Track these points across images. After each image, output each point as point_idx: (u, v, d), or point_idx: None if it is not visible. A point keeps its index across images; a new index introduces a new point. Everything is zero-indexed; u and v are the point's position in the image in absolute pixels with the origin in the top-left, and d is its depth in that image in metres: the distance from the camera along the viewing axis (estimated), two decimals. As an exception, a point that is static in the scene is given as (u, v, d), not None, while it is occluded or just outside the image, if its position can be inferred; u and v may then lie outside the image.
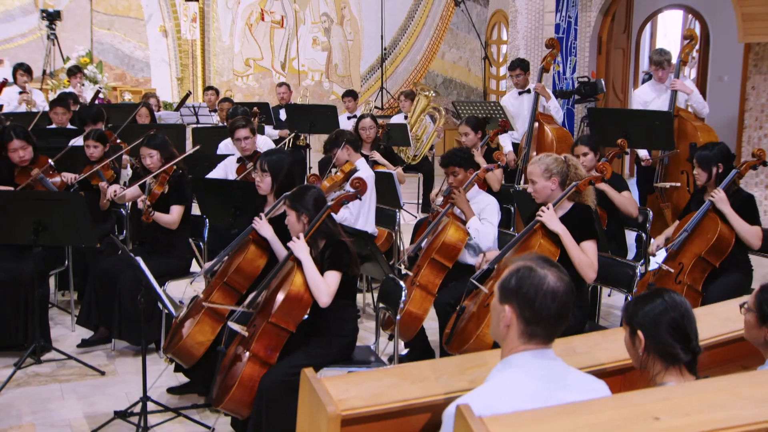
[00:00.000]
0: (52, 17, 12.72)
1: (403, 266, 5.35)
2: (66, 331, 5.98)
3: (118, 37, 14.40)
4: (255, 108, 9.37)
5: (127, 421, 4.51)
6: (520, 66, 8.33)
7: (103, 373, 5.27)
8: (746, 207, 5.09)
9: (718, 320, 3.49)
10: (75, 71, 11.17)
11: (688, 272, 5.06)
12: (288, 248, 4.17)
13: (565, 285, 2.43)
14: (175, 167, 5.74)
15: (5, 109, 9.56)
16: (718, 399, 2.33)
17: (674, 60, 7.50)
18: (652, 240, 5.59)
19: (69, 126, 8.49)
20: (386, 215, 6.42)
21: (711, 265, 5.07)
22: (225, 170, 6.61)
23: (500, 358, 2.50)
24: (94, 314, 5.61)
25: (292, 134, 9.78)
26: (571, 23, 10.65)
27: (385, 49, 15.07)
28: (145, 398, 4.44)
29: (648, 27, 13.10)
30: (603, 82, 9.56)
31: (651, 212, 6.20)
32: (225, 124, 8.95)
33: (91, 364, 5.34)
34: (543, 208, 4.47)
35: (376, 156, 7.63)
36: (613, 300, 6.51)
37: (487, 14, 13.33)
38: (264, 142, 7.51)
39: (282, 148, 7.62)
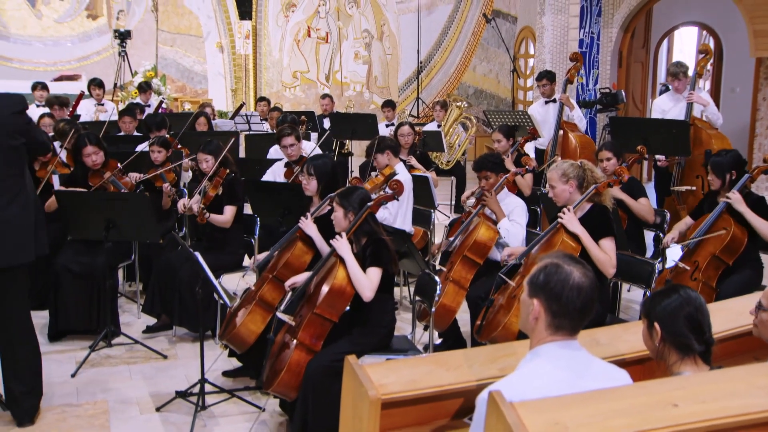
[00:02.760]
0: (123, 36, 12.93)
1: (435, 260, 5.32)
2: (133, 318, 6.05)
3: (180, 53, 14.57)
4: (303, 117, 9.41)
5: (187, 400, 4.54)
6: (546, 76, 8.28)
7: (165, 357, 5.32)
8: (759, 207, 5.01)
9: (732, 315, 3.44)
10: (146, 88, 11.31)
11: (703, 270, 5.00)
12: (331, 245, 4.17)
13: (590, 281, 2.41)
14: (228, 171, 5.79)
15: (81, 119, 9.72)
16: (733, 388, 2.30)
17: (690, 72, 7.41)
18: (667, 235, 5.52)
19: (135, 133, 8.60)
20: (422, 215, 6.40)
21: (724, 263, 5.00)
22: (273, 175, 6.64)
23: (529, 348, 2.48)
24: (157, 303, 5.66)
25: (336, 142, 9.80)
26: (593, 38, 10.56)
27: (420, 62, 15.04)
28: (203, 380, 4.48)
29: (665, 42, 12.95)
30: (623, 93, 9.47)
31: (668, 214, 6.12)
32: (275, 131, 9.00)
33: (155, 348, 5.39)
34: (564, 210, 4.44)
35: (413, 161, 7.61)
36: (632, 295, 6.43)
37: (516, 30, 13.24)
38: (311, 148, 7.54)
39: (327, 153, 7.64)
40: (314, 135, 10.17)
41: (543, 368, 2.37)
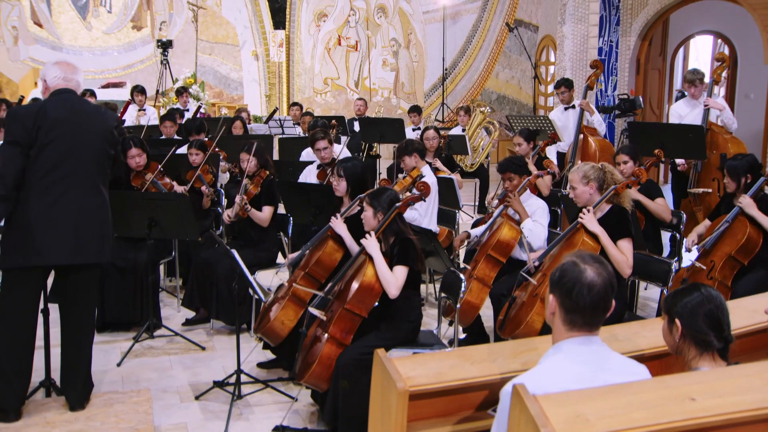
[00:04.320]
0: (165, 46, 13.05)
1: (459, 258, 5.31)
2: (173, 312, 6.10)
3: (217, 60, 14.70)
4: (333, 121, 9.43)
5: (224, 390, 4.57)
6: (564, 84, 8.22)
7: (203, 348, 5.36)
8: None
9: (747, 312, 3.40)
10: (182, 91, 11.43)
11: (719, 269, 4.94)
12: (360, 244, 4.17)
13: (603, 279, 2.38)
14: (268, 173, 5.83)
15: (125, 123, 9.83)
16: (748, 383, 2.27)
17: (707, 79, 7.33)
18: (687, 238, 5.46)
19: (175, 137, 8.68)
20: (447, 215, 6.39)
21: (740, 263, 4.94)
22: (305, 177, 6.67)
23: (551, 343, 2.46)
24: (195, 298, 5.70)
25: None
26: (612, 47, 10.48)
27: (446, 69, 15.01)
28: (239, 371, 4.50)
29: (681, 50, 12.81)
30: (641, 99, 9.39)
31: (684, 215, 6.05)
32: (307, 134, 9.02)
33: (193, 340, 5.43)
34: (584, 210, 4.41)
35: (438, 163, 7.59)
36: (649, 293, 6.37)
37: (537, 39, 13.17)
38: (341, 151, 7.55)
39: (356, 156, 7.65)
40: (344, 138, 10.19)
41: (564, 363, 2.36)
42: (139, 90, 10.64)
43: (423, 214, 5.87)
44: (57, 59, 4.35)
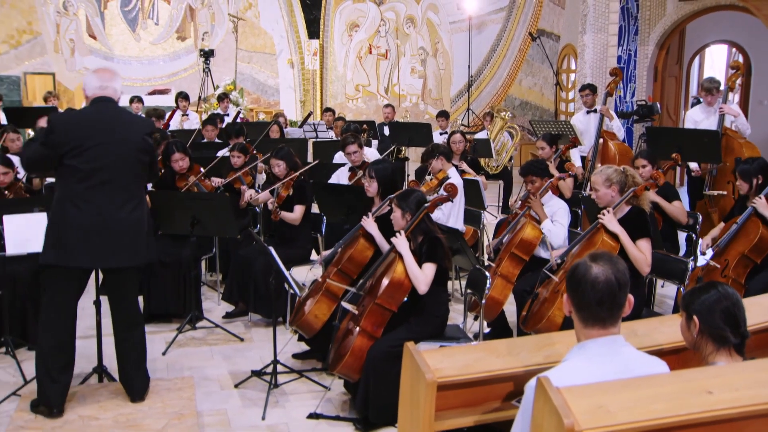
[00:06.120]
0: (207, 55, 13.16)
1: (487, 258, 5.29)
2: (213, 305, 6.14)
3: (255, 68, 14.77)
4: (364, 125, 9.43)
5: (261, 378, 4.61)
6: (589, 88, 8.18)
7: (242, 340, 5.40)
8: None
9: (761, 309, 3.36)
10: (223, 97, 11.52)
11: (733, 268, 4.87)
12: (390, 242, 4.17)
13: (606, 276, 2.33)
14: (298, 173, 5.85)
15: (170, 128, 9.92)
16: (764, 377, 2.25)
17: (722, 87, 7.23)
18: (701, 240, 5.39)
19: (216, 140, 8.74)
20: (472, 215, 6.36)
21: (753, 262, 4.87)
22: (337, 178, 6.68)
23: (575, 338, 2.43)
24: (235, 292, 5.74)
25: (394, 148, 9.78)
26: (631, 55, 10.39)
27: (471, 76, 14.95)
28: (275, 361, 4.53)
29: (697, 59, 12.64)
30: (658, 105, 9.30)
31: (700, 216, 5.97)
32: (339, 138, 9.03)
33: (233, 332, 5.47)
34: (604, 211, 4.38)
35: (464, 165, 7.56)
36: (666, 290, 6.29)
37: (559, 47, 13.06)
38: (372, 153, 7.55)
39: (387, 158, 7.64)
40: (375, 142, 10.18)
41: (588, 364, 2.31)
42: (182, 96, 10.74)
43: (447, 214, 5.86)
44: (99, 66, 4.29)
